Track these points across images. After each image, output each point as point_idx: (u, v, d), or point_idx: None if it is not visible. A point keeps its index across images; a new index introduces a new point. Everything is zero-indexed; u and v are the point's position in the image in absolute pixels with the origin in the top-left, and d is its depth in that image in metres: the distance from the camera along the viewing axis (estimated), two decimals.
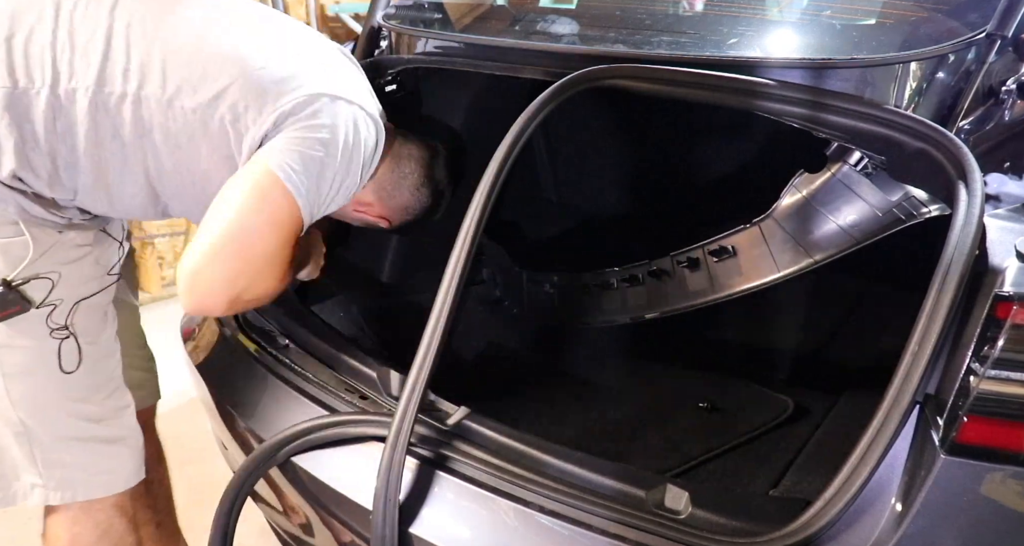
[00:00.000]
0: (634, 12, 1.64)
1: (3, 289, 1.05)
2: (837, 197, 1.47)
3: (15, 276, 1.06)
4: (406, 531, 1.01)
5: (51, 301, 1.10)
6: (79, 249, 1.14)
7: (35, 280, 1.08)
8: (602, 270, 1.87)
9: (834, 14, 1.46)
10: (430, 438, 1.07)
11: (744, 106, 1.11)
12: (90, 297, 1.16)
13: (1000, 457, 0.81)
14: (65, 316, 1.13)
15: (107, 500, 1.24)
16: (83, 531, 1.23)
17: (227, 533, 1.18)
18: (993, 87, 1.13)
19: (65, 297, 1.12)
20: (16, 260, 1.07)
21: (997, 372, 0.79)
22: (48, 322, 1.11)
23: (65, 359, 1.13)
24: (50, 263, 1.09)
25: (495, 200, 1.09)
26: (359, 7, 4.74)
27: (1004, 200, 1.00)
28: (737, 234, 1.63)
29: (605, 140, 2.08)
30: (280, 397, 1.25)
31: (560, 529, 0.96)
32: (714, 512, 0.93)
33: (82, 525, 1.23)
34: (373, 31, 1.66)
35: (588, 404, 1.65)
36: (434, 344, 1.03)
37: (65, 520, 1.22)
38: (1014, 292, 0.80)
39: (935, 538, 0.83)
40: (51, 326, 1.11)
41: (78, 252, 1.14)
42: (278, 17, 1.22)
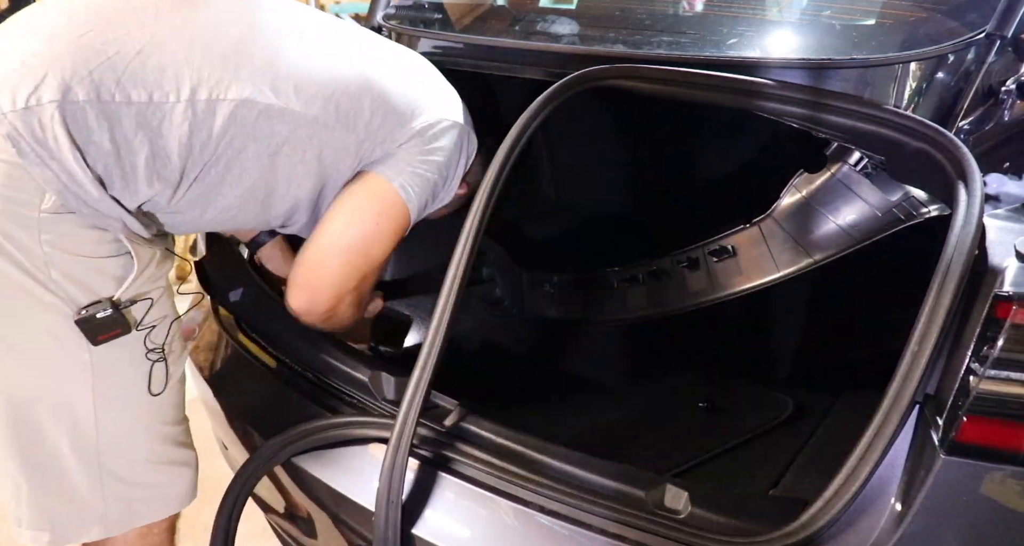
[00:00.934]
0: (634, 12, 1.65)
1: (112, 310, 1.00)
2: (837, 197, 1.47)
3: (121, 295, 1.02)
4: (408, 531, 1.01)
5: (150, 322, 1.07)
6: (167, 265, 1.12)
7: (139, 300, 1.05)
8: (602, 270, 1.87)
9: (834, 14, 1.46)
10: (431, 439, 1.07)
11: (744, 106, 1.11)
12: (178, 318, 1.15)
13: (1000, 457, 0.81)
14: (164, 337, 1.10)
15: (163, 523, 1.21)
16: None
17: (228, 533, 1.18)
18: (993, 87, 1.13)
19: (162, 317, 1.10)
20: (117, 279, 1.03)
21: (997, 372, 0.79)
22: (146, 343, 1.07)
23: (155, 382, 1.10)
24: (148, 282, 1.07)
25: (496, 200, 1.09)
26: (359, 7, 4.74)
27: (1004, 200, 1.00)
28: (737, 234, 1.64)
29: (605, 140, 2.08)
30: (280, 397, 1.25)
31: (560, 529, 0.96)
32: (714, 512, 0.93)
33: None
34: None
35: (588, 404, 1.65)
36: (436, 345, 1.03)
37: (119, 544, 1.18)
38: (1014, 292, 0.80)
39: (935, 538, 0.83)
40: (148, 347, 1.08)
41: (166, 266, 1.11)
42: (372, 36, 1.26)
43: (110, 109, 0.93)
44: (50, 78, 0.91)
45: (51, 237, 0.96)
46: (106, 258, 1.01)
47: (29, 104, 0.90)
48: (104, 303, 1.00)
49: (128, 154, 0.96)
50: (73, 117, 0.91)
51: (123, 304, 1.03)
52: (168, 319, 1.12)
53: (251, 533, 1.88)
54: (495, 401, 1.36)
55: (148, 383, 1.09)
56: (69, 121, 0.91)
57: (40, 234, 0.95)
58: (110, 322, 1.01)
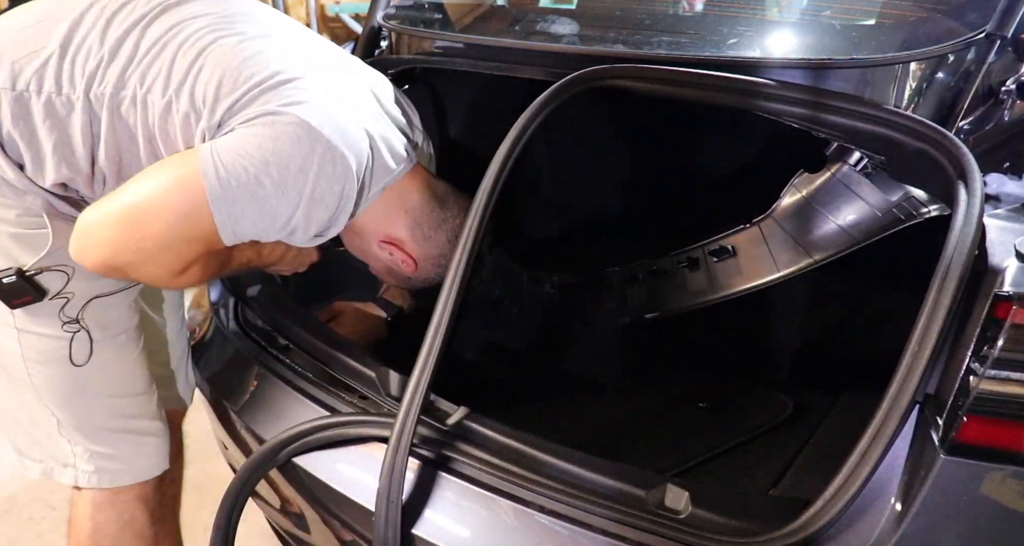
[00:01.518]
0: (634, 12, 1.65)
1: (17, 277, 1.07)
2: (837, 197, 1.47)
3: (31, 266, 1.08)
4: (408, 531, 1.01)
5: (64, 294, 1.12)
6: None
7: (49, 272, 1.09)
8: (602, 270, 1.87)
9: (834, 14, 1.46)
10: (431, 438, 1.07)
11: (744, 106, 1.11)
12: (107, 295, 1.17)
13: (1000, 457, 0.81)
14: (77, 310, 1.14)
15: (131, 491, 1.27)
16: (106, 520, 1.27)
17: (228, 533, 1.18)
18: (993, 87, 1.13)
19: (78, 291, 1.13)
20: (34, 250, 1.08)
21: (997, 372, 0.79)
22: (60, 315, 1.12)
23: (76, 353, 1.15)
24: (67, 256, 1.07)
25: (496, 201, 1.09)
26: (359, 7, 4.74)
27: (1004, 200, 1.00)
28: (737, 234, 1.64)
29: (605, 140, 2.08)
30: (280, 397, 1.25)
31: (560, 529, 0.96)
32: (714, 512, 0.93)
33: (105, 514, 1.27)
34: (373, 31, 1.66)
35: (588, 404, 1.65)
36: (436, 345, 1.03)
37: (89, 508, 1.26)
38: (1014, 292, 0.80)
39: (935, 538, 0.83)
40: (63, 319, 1.13)
41: None
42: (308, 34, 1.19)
43: (21, 97, 1.01)
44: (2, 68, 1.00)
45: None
46: (28, 231, 1.07)
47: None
48: (11, 269, 1.07)
49: (36, 142, 1.02)
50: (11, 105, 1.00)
51: (31, 272, 1.08)
52: (85, 294, 1.14)
53: (251, 533, 1.88)
54: (495, 401, 1.36)
55: (69, 353, 1.15)
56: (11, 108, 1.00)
57: None
58: (17, 288, 1.07)
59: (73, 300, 1.13)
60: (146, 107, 1.03)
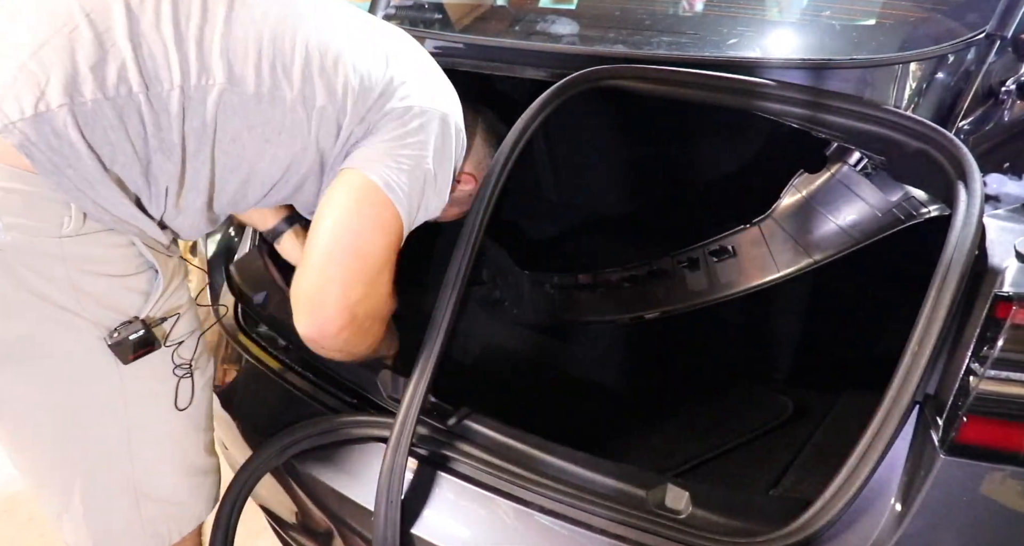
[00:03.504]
0: (634, 12, 1.65)
1: (143, 330, 0.98)
2: (837, 197, 1.47)
3: (152, 313, 1.00)
4: (407, 531, 1.01)
5: (177, 337, 1.05)
6: (183, 274, 1.09)
7: (169, 318, 1.03)
8: (602, 270, 1.87)
9: (834, 14, 1.46)
10: (431, 438, 1.07)
11: (744, 106, 1.11)
12: (206, 330, 1.13)
13: (1000, 457, 0.81)
14: (191, 352, 1.08)
15: (195, 537, 1.21)
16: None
17: (227, 533, 1.18)
18: (993, 87, 1.13)
19: (189, 331, 1.08)
20: (145, 294, 1.01)
21: (997, 372, 0.79)
22: (173, 359, 1.05)
23: (181, 396, 1.08)
24: (175, 296, 1.05)
25: (497, 201, 1.09)
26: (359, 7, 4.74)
27: (1004, 200, 1.00)
28: (737, 234, 1.63)
29: (605, 140, 2.08)
30: (280, 397, 1.25)
31: (560, 529, 0.96)
32: (714, 512, 0.93)
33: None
34: None
35: (588, 404, 1.65)
36: (436, 346, 1.03)
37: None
38: (1013, 292, 0.80)
39: (935, 538, 0.83)
40: (176, 362, 1.06)
41: (183, 276, 1.10)
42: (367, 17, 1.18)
43: (118, 104, 0.90)
44: (53, 80, 0.86)
45: (75, 261, 0.93)
46: (131, 276, 0.99)
47: (39, 110, 0.85)
48: (136, 323, 0.98)
49: (142, 147, 0.93)
50: (85, 118, 0.88)
51: (154, 322, 1.01)
52: (195, 333, 1.10)
53: (251, 533, 1.88)
54: (495, 401, 1.36)
55: (175, 398, 1.07)
56: (82, 123, 0.88)
57: (64, 260, 0.92)
58: (141, 341, 0.99)
59: (187, 341, 1.07)
60: (274, 102, 0.98)
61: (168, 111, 0.92)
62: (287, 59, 0.99)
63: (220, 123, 0.96)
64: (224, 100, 0.95)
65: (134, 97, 0.90)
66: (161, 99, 0.92)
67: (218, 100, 0.95)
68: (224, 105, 0.95)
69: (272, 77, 0.97)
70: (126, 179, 0.93)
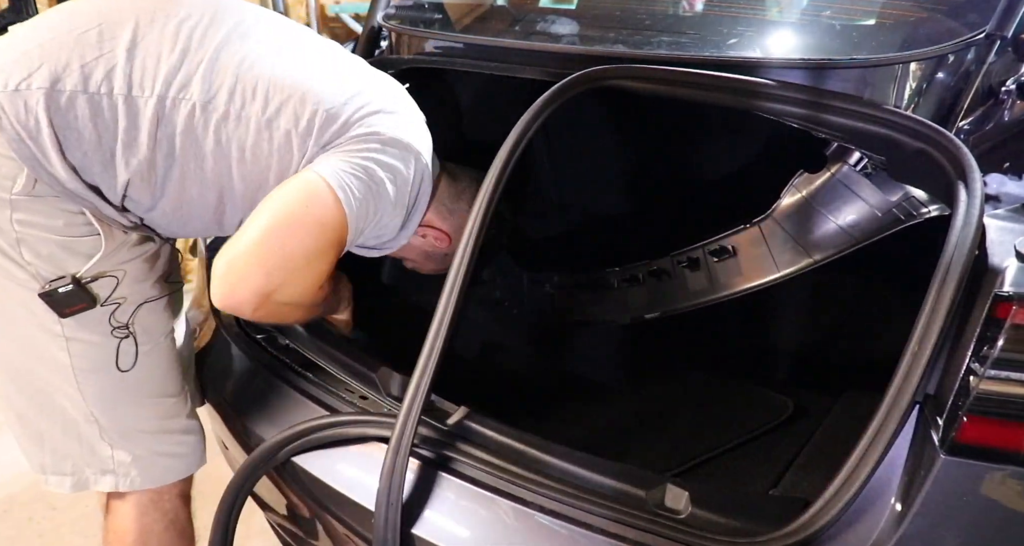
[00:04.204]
0: (634, 12, 1.65)
1: (73, 286, 1.07)
2: (837, 197, 1.47)
3: (84, 272, 1.08)
4: (407, 531, 1.01)
5: (115, 299, 1.12)
6: (143, 248, 1.16)
7: (101, 278, 1.10)
8: (602, 270, 1.87)
9: (834, 14, 1.46)
10: (431, 438, 1.07)
11: (744, 106, 1.11)
12: (154, 301, 1.18)
13: (1000, 457, 0.81)
14: (128, 316, 1.15)
15: (173, 489, 1.29)
16: (152, 521, 1.27)
17: (227, 533, 1.18)
18: (993, 87, 1.13)
19: (128, 296, 1.14)
20: (85, 257, 1.08)
21: (997, 372, 0.79)
22: (111, 320, 1.13)
23: (122, 358, 1.15)
24: (116, 261, 1.11)
25: (498, 201, 1.09)
26: (359, 7, 4.74)
27: (1004, 200, 1.00)
28: (737, 234, 1.64)
29: (605, 140, 2.08)
30: (280, 397, 1.25)
31: (560, 529, 0.96)
32: (714, 512, 0.93)
33: (151, 515, 1.27)
34: (373, 31, 1.66)
35: (588, 404, 1.65)
36: (437, 346, 1.03)
37: (134, 511, 1.26)
38: (1014, 292, 0.80)
39: (935, 538, 0.83)
40: (113, 324, 1.13)
41: (142, 250, 1.15)
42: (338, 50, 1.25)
43: (95, 99, 1.02)
44: (44, 68, 1.01)
45: (22, 216, 1.04)
46: (76, 238, 1.08)
47: (19, 88, 1.00)
48: (66, 279, 1.07)
49: (109, 141, 1.04)
50: (57, 105, 1.00)
51: (85, 280, 1.09)
52: (134, 300, 1.15)
53: (251, 533, 1.88)
54: (495, 401, 1.36)
55: (116, 359, 1.15)
56: (52, 108, 1.00)
57: (12, 214, 1.03)
58: (72, 296, 1.08)
59: (124, 305, 1.14)
60: (240, 122, 1.08)
61: (143, 114, 1.04)
62: (260, 87, 1.08)
63: (189, 135, 1.07)
64: (195, 114, 1.06)
65: (113, 97, 1.03)
66: (139, 103, 1.04)
67: (190, 113, 1.06)
68: (194, 119, 1.06)
69: (242, 100, 1.08)
70: (84, 164, 1.04)
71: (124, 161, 1.05)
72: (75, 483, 1.20)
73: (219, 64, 1.08)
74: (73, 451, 1.19)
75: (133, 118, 1.04)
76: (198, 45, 1.08)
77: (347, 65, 1.21)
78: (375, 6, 1.66)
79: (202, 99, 1.06)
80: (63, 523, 2.03)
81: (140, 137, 1.05)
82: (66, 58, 1.02)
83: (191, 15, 1.11)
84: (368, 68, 1.25)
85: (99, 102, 1.02)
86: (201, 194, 1.12)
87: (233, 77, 1.08)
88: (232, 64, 1.08)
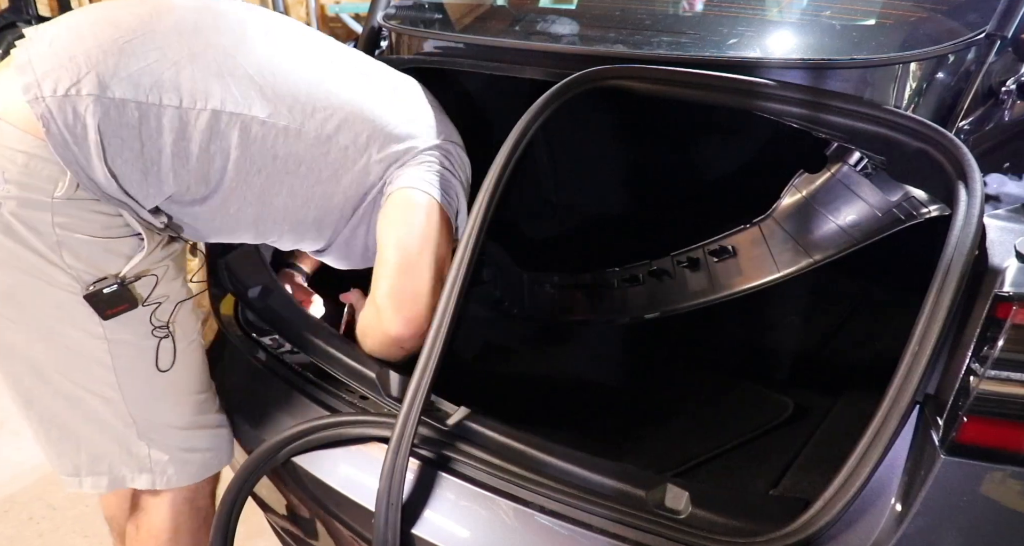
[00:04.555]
0: (634, 12, 1.64)
1: (118, 286, 1.08)
2: (837, 197, 1.47)
3: (127, 272, 1.09)
4: (407, 531, 1.01)
5: (156, 298, 1.13)
6: (172, 248, 1.17)
7: (144, 277, 1.11)
8: (602, 270, 1.87)
9: (834, 14, 1.46)
10: (431, 439, 1.07)
11: (744, 106, 1.11)
12: (187, 300, 1.20)
13: (1000, 457, 0.81)
14: (168, 315, 1.16)
15: (207, 486, 1.31)
16: (187, 519, 1.28)
17: (227, 533, 1.18)
18: (993, 87, 1.13)
19: (169, 295, 1.16)
20: (126, 257, 1.09)
21: (997, 372, 0.79)
22: (152, 319, 1.14)
23: (162, 358, 1.16)
24: (154, 260, 1.13)
25: (498, 202, 1.09)
26: (359, 7, 4.74)
27: (1004, 200, 1.00)
28: (737, 234, 1.64)
29: (605, 140, 2.08)
30: (280, 397, 1.25)
31: (560, 529, 0.96)
32: (714, 512, 0.93)
33: (186, 513, 1.28)
34: (373, 31, 1.66)
35: (588, 404, 1.65)
36: (437, 346, 1.03)
37: (169, 510, 1.26)
38: (1014, 292, 0.80)
39: (935, 538, 0.83)
40: (154, 324, 1.14)
41: (172, 249, 1.17)
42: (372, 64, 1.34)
43: (144, 108, 1.03)
44: (93, 75, 1.00)
45: (63, 220, 1.03)
46: (116, 239, 1.08)
47: (69, 93, 0.99)
48: (110, 279, 1.07)
49: (152, 150, 1.04)
50: (106, 111, 1.00)
51: (128, 280, 1.09)
52: (173, 298, 1.17)
53: (250, 533, 1.88)
54: (495, 401, 1.36)
55: (155, 359, 1.15)
56: (101, 114, 1.00)
57: (53, 217, 1.02)
58: (116, 297, 1.08)
59: (164, 304, 1.15)
60: (299, 137, 1.13)
61: (195, 127, 1.06)
62: (317, 103, 1.14)
63: (245, 149, 1.10)
64: (253, 130, 1.09)
65: (163, 107, 1.04)
66: (190, 116, 1.05)
67: (246, 129, 1.09)
68: (251, 134, 1.09)
69: (303, 116, 1.13)
70: (124, 171, 1.04)
71: (173, 172, 1.06)
72: (111, 481, 1.20)
73: (272, 77, 1.11)
74: (110, 451, 1.18)
75: (183, 130, 1.05)
76: (247, 58, 1.11)
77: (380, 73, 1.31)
78: (375, 6, 1.66)
79: (260, 114, 1.09)
80: (63, 523, 2.03)
81: (191, 149, 1.06)
82: (113, 65, 1.02)
83: (228, 26, 1.13)
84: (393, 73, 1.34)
85: (147, 111, 1.03)
86: (242, 206, 1.15)
87: (289, 93, 1.12)
88: (288, 78, 1.13)
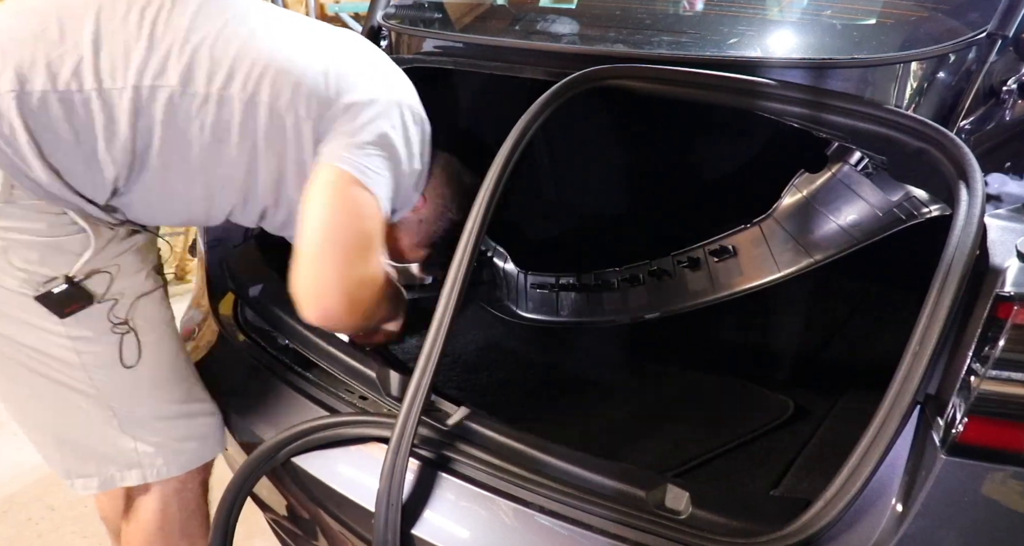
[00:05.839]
0: (634, 12, 1.64)
1: (68, 285, 1.06)
2: (837, 197, 1.47)
3: (76, 271, 1.07)
4: (407, 532, 1.01)
5: (112, 295, 1.12)
6: (132, 241, 1.15)
7: (95, 275, 1.09)
8: (602, 270, 1.87)
9: (834, 14, 1.46)
10: (431, 439, 1.07)
11: (744, 106, 1.11)
12: (150, 293, 1.18)
13: (1001, 457, 0.81)
14: (126, 310, 1.14)
15: (197, 477, 1.29)
16: (176, 510, 1.28)
17: (227, 533, 1.18)
18: (994, 87, 1.13)
19: (125, 291, 1.14)
20: (75, 255, 1.08)
21: (998, 372, 0.79)
22: (110, 317, 1.12)
23: (125, 355, 1.15)
24: (108, 257, 1.11)
25: (498, 201, 1.09)
26: (359, 7, 4.74)
27: (1005, 200, 1.00)
28: (738, 234, 1.63)
29: (605, 140, 2.08)
30: (280, 397, 1.25)
31: (560, 529, 0.96)
32: (714, 512, 0.93)
33: (175, 505, 1.27)
34: (373, 31, 1.66)
35: (588, 404, 1.65)
36: (437, 346, 1.03)
37: (158, 502, 1.26)
38: (1015, 292, 0.80)
39: (935, 538, 0.83)
40: (112, 321, 1.12)
41: (131, 242, 1.15)
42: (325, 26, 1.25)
43: (66, 96, 1.00)
44: (8, 70, 0.98)
45: (5, 223, 1.03)
46: (63, 237, 1.07)
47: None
48: (60, 279, 1.06)
49: (88, 138, 1.02)
50: (30, 107, 0.98)
51: (79, 278, 1.08)
52: (131, 293, 1.15)
53: (250, 533, 1.88)
54: (495, 401, 1.36)
55: (119, 355, 1.14)
56: (25, 110, 0.98)
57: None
58: (69, 296, 1.07)
59: (122, 300, 1.13)
60: (223, 103, 1.07)
61: (120, 107, 1.02)
62: (236, 64, 1.07)
63: (171, 122, 1.05)
64: (175, 100, 1.04)
65: (85, 93, 1.00)
66: (113, 96, 1.02)
67: (169, 99, 1.04)
68: (174, 105, 1.04)
69: (222, 80, 1.06)
70: (66, 164, 1.02)
71: (110, 157, 1.03)
72: (101, 482, 1.20)
73: (190, 46, 1.06)
74: (96, 451, 1.18)
75: (110, 112, 1.02)
76: (164, 29, 1.05)
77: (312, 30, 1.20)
78: (375, 5, 1.66)
79: (180, 84, 1.04)
80: (62, 523, 2.03)
81: (120, 130, 1.03)
82: (30, 57, 0.99)
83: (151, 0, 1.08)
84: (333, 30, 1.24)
85: (71, 99, 1.00)
86: (187, 183, 1.11)
87: (208, 58, 1.06)
88: (205, 45, 1.06)
